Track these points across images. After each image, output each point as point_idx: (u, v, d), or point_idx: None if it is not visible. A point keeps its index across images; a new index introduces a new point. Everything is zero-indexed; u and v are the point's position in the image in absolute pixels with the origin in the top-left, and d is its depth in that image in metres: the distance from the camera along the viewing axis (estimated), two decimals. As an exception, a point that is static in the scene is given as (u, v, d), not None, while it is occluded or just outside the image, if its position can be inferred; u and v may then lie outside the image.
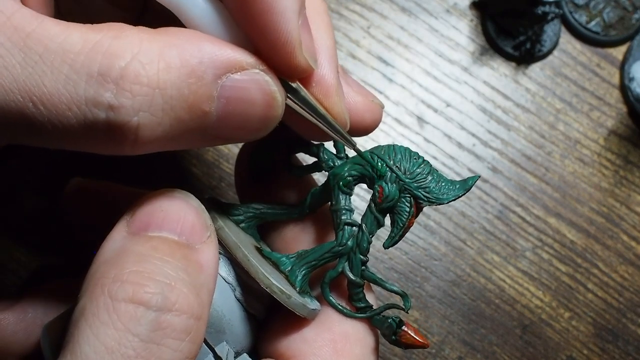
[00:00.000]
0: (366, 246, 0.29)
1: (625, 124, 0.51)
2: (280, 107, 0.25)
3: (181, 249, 0.24)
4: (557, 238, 0.50)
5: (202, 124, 0.23)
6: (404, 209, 0.28)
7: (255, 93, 0.24)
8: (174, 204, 0.25)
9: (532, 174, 0.50)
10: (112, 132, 0.22)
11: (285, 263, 0.29)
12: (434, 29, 0.52)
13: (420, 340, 0.29)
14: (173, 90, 0.22)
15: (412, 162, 0.28)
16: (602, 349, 0.49)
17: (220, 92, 0.23)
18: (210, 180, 0.48)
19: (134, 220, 0.24)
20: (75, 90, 0.21)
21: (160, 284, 0.22)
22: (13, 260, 0.46)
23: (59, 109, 0.21)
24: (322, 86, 0.27)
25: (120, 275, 0.22)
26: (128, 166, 0.48)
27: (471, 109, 0.51)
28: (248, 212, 0.30)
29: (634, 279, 0.49)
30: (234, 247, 0.27)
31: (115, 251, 0.23)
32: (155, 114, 0.22)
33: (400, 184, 0.28)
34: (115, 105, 0.21)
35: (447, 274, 0.49)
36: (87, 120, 0.22)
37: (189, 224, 0.25)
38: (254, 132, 0.25)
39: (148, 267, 0.22)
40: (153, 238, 0.24)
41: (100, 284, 0.22)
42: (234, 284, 0.28)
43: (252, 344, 0.29)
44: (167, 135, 0.23)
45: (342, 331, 0.29)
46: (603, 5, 0.52)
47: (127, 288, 0.22)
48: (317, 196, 0.30)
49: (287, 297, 0.27)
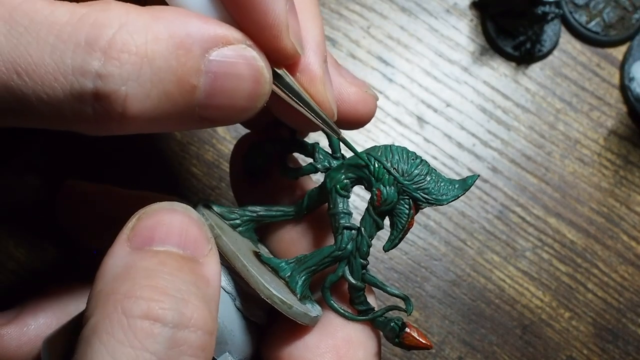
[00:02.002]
0: (366, 250, 0.28)
1: (625, 124, 0.51)
2: (268, 84, 0.24)
3: (188, 263, 0.23)
4: (557, 238, 0.50)
5: (191, 100, 0.23)
6: (403, 211, 0.28)
7: (243, 68, 0.24)
8: (176, 217, 0.25)
9: (532, 174, 0.50)
10: (100, 103, 0.22)
11: (284, 269, 0.28)
12: (434, 29, 0.52)
13: (423, 342, 0.29)
14: (161, 62, 0.22)
15: (409, 163, 0.28)
16: (602, 349, 0.49)
17: (208, 66, 0.23)
18: (210, 180, 0.48)
19: (136, 235, 0.24)
20: (62, 60, 0.21)
21: (174, 299, 0.22)
22: (13, 260, 0.46)
23: (45, 79, 0.21)
24: (306, 74, 0.27)
25: (132, 290, 0.22)
26: (128, 166, 0.48)
27: (471, 109, 0.51)
28: (244, 216, 0.30)
29: (634, 279, 0.49)
30: (233, 257, 0.27)
31: (121, 267, 0.23)
32: (143, 85, 0.22)
33: (399, 186, 0.27)
34: (103, 74, 0.21)
35: (447, 274, 0.49)
36: (74, 91, 0.21)
37: (192, 237, 0.24)
38: (242, 111, 0.24)
39: (160, 282, 0.22)
40: (159, 253, 0.23)
41: (112, 300, 0.21)
42: (234, 294, 0.28)
43: (254, 351, 0.29)
44: (155, 110, 0.22)
45: (345, 336, 0.29)
46: (603, 5, 0.52)
47: (141, 304, 0.21)
48: (314, 197, 0.30)
49: (288, 307, 0.27)
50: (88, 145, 0.47)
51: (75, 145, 0.48)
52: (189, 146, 0.48)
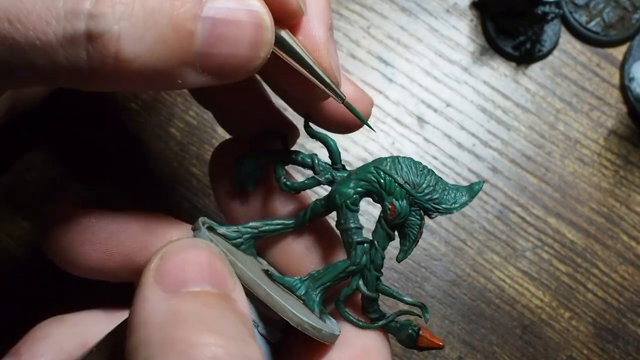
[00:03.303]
0: (380, 262, 0.28)
1: (625, 124, 0.51)
2: (270, 31, 0.24)
3: (226, 301, 0.23)
4: (557, 238, 0.50)
5: (189, 47, 0.22)
6: (415, 222, 0.28)
7: (243, 15, 0.23)
8: (202, 254, 0.24)
9: (532, 174, 0.50)
10: (93, 45, 0.21)
11: (299, 287, 0.28)
12: (434, 29, 0.52)
13: (437, 343, 0.29)
14: (154, 3, 0.22)
15: (418, 175, 0.28)
16: (602, 349, 0.49)
17: (206, 12, 0.22)
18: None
19: (166, 277, 0.23)
20: (53, 4, 0.21)
21: (234, 341, 0.21)
22: (13, 260, 0.46)
23: (37, 24, 0.21)
24: (310, 39, 0.26)
25: (193, 337, 0.21)
26: (128, 166, 0.48)
27: (471, 109, 0.51)
28: (246, 233, 0.29)
29: (634, 279, 0.49)
30: (254, 285, 0.26)
31: (165, 313, 0.22)
32: (136, 25, 0.21)
33: (410, 199, 0.27)
34: (94, 14, 0.21)
35: (447, 274, 0.49)
36: (66, 34, 0.21)
37: (219, 273, 0.24)
38: (245, 62, 0.24)
39: (216, 326, 0.22)
40: (198, 294, 0.23)
41: (176, 350, 0.21)
42: (257, 320, 0.27)
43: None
44: (151, 55, 0.22)
45: (362, 345, 0.29)
46: (603, 5, 0.52)
47: (207, 351, 0.21)
48: (319, 210, 0.29)
49: (318, 331, 0.27)
50: (88, 145, 0.47)
51: (75, 145, 0.48)
52: (189, 146, 0.48)
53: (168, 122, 0.48)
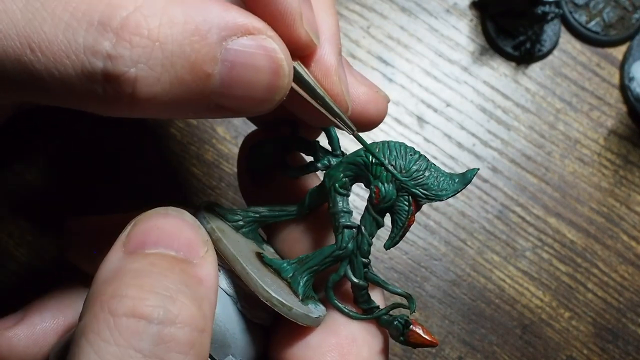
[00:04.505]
0: (367, 248, 0.28)
1: (625, 124, 0.51)
2: (288, 77, 0.24)
3: (179, 263, 0.23)
4: (557, 238, 0.50)
5: (205, 88, 0.23)
6: (403, 208, 0.27)
7: (262, 60, 0.23)
8: (169, 221, 0.24)
9: (532, 174, 0.50)
10: (110, 84, 0.22)
11: (286, 270, 0.28)
12: (433, 29, 0.52)
13: (429, 339, 0.28)
14: (174, 46, 0.22)
15: (407, 159, 0.27)
16: (602, 349, 0.49)
17: (225, 55, 0.23)
18: (210, 180, 0.48)
19: (130, 240, 0.24)
20: (74, 38, 0.21)
21: (160, 296, 0.22)
22: (13, 260, 0.46)
23: (57, 56, 0.21)
24: (321, 65, 0.26)
25: (118, 290, 0.22)
26: (128, 166, 0.48)
27: (471, 109, 0.51)
28: (247, 217, 0.29)
29: (634, 279, 0.49)
30: (232, 259, 0.26)
31: (112, 271, 0.23)
32: (153, 68, 0.22)
33: (397, 183, 0.27)
34: (113, 55, 0.21)
35: (447, 274, 0.49)
36: (84, 70, 0.21)
37: (185, 239, 0.24)
38: (260, 103, 0.24)
39: (147, 281, 0.22)
40: (150, 255, 0.23)
41: (99, 301, 0.22)
42: (235, 296, 0.27)
43: (260, 353, 0.29)
44: (166, 94, 0.22)
45: (349, 334, 0.29)
46: (603, 5, 0.52)
47: (126, 302, 0.21)
48: (315, 196, 0.30)
49: (287, 309, 0.26)
50: (88, 145, 0.47)
51: (75, 145, 0.48)
52: (189, 146, 0.48)
53: (168, 122, 0.48)
